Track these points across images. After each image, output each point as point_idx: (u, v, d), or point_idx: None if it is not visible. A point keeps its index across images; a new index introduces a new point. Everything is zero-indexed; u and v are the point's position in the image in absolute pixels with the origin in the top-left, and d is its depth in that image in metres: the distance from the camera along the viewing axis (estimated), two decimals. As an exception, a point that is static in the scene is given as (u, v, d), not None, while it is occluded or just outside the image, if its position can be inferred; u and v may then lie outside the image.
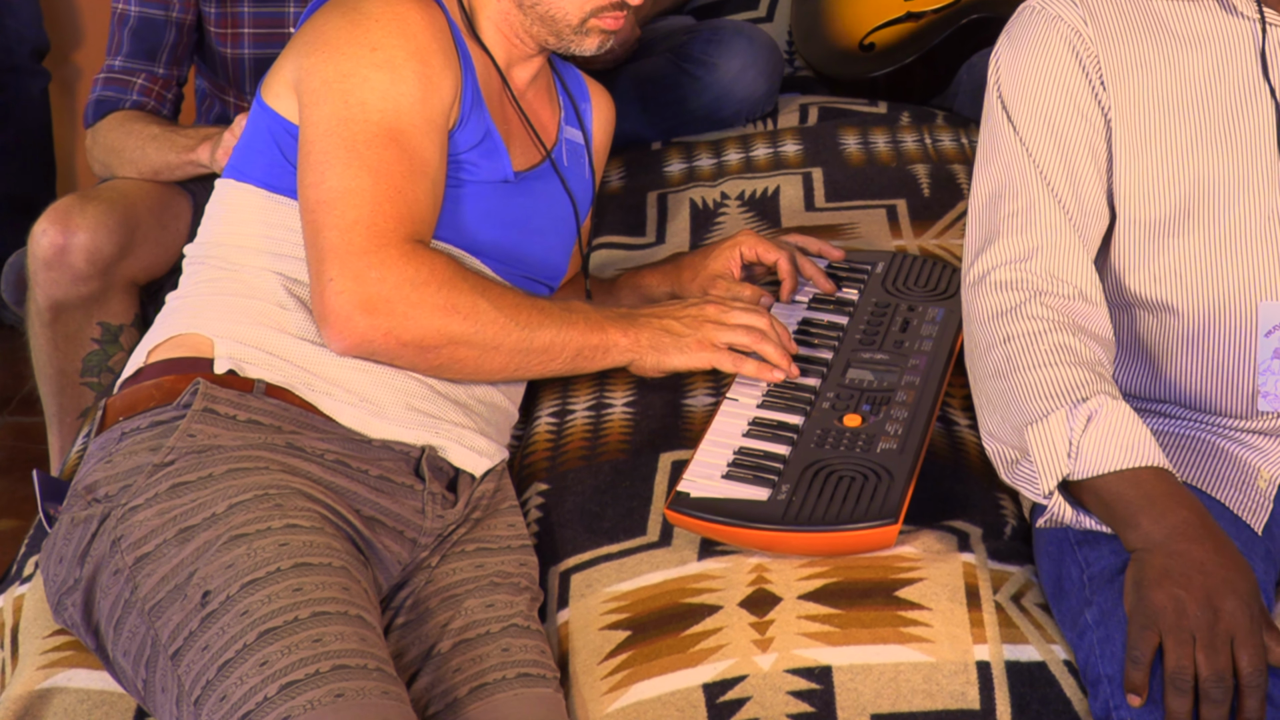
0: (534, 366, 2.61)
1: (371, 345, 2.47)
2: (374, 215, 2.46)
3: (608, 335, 2.65)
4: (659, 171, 3.62)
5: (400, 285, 2.45)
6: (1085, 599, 2.27)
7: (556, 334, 2.59)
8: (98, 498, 2.34)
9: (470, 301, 2.50)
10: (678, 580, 2.43)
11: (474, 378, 2.59)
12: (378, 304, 2.44)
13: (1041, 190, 2.44)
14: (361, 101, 2.52)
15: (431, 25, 2.60)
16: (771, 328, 2.70)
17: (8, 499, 4.23)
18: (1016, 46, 2.51)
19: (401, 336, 2.47)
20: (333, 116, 2.52)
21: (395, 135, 2.52)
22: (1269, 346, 2.43)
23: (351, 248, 2.45)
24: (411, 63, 2.55)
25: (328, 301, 2.44)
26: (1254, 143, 2.44)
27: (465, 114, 2.63)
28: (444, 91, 2.59)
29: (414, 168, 2.52)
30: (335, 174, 2.48)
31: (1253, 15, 2.45)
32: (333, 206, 2.47)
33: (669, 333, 2.69)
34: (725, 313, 2.71)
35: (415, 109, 2.54)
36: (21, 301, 3.56)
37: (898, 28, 4.00)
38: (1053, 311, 2.38)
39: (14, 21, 4.73)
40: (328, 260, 2.45)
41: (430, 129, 2.56)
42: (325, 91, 2.53)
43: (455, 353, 2.52)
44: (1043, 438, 2.28)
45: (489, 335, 2.53)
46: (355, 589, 2.24)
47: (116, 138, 3.52)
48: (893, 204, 3.35)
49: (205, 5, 3.55)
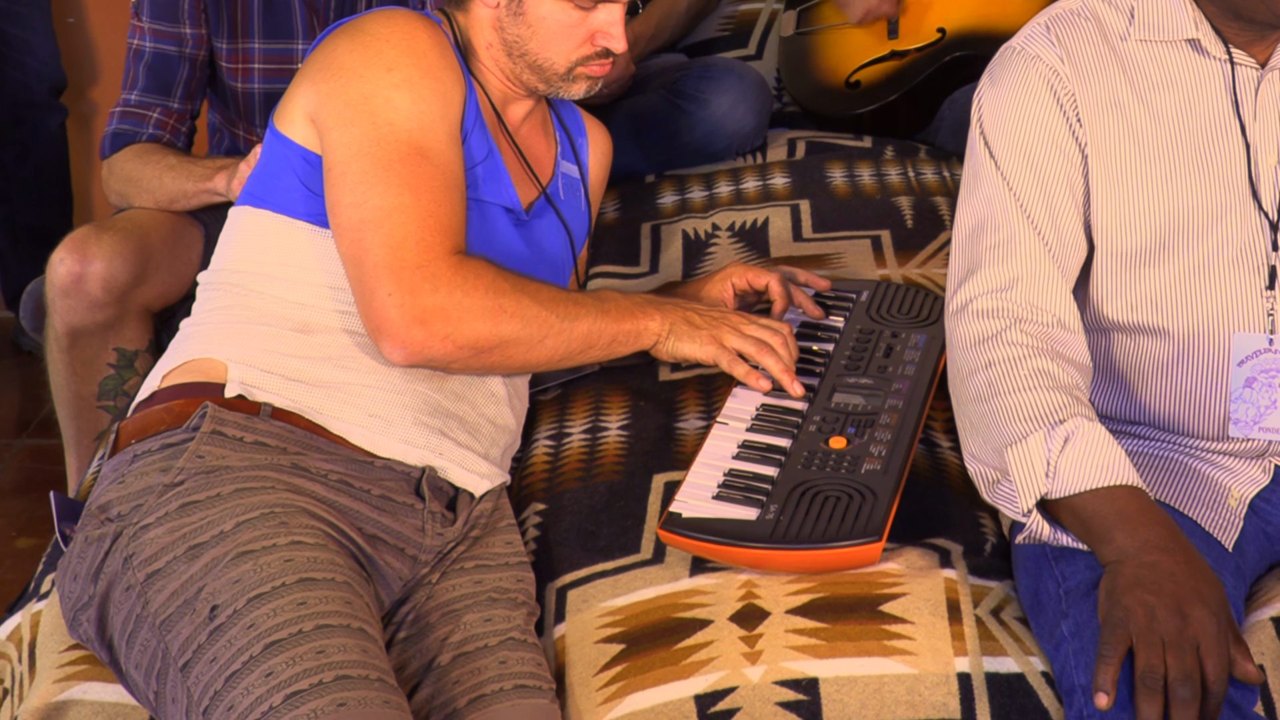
0: (575, 355, 2.64)
1: (430, 353, 2.49)
2: (421, 230, 2.48)
3: (638, 321, 2.69)
4: (653, 203, 3.62)
5: (453, 294, 2.47)
6: (1061, 612, 2.27)
7: (594, 323, 2.62)
8: (110, 517, 2.34)
9: (515, 301, 2.53)
10: (670, 596, 2.43)
11: (523, 370, 2.65)
12: (433, 314, 2.46)
13: (1022, 223, 2.45)
14: (389, 122, 2.53)
15: (438, 43, 2.61)
16: (784, 346, 2.72)
17: (26, 518, 4.23)
18: (998, 86, 2.52)
19: (459, 341, 2.49)
20: (363, 138, 2.52)
21: (424, 152, 2.53)
22: (1241, 375, 2.44)
23: (405, 263, 2.46)
24: (427, 80, 2.57)
25: (385, 315, 2.46)
26: (1226, 177, 2.44)
27: (469, 128, 2.64)
28: (455, 104, 2.61)
29: (446, 181, 2.54)
30: (377, 193, 2.49)
31: (1221, 56, 2.46)
32: (380, 225, 2.48)
33: (689, 322, 2.72)
34: (745, 324, 2.74)
35: (438, 124, 2.56)
36: (40, 328, 3.55)
37: (882, 66, 4.00)
38: (1032, 339, 2.38)
39: (33, 60, 4.73)
40: (382, 276, 2.46)
41: (451, 142, 2.58)
42: (350, 114, 2.54)
43: (506, 351, 2.55)
44: (1022, 458, 2.29)
45: (535, 331, 2.55)
46: (358, 603, 2.24)
47: (133, 168, 3.52)
48: (877, 234, 3.35)
49: (217, 41, 3.56)
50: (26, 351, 4.94)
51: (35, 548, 4.05)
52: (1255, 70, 2.45)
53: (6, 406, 4.83)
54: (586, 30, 2.68)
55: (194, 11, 3.52)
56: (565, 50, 2.69)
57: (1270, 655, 2.30)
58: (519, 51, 2.69)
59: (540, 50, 2.69)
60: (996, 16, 3.88)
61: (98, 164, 5.01)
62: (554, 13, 2.66)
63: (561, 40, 2.68)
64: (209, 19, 3.54)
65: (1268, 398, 2.44)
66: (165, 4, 3.52)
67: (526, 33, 2.68)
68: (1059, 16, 2.53)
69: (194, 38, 3.53)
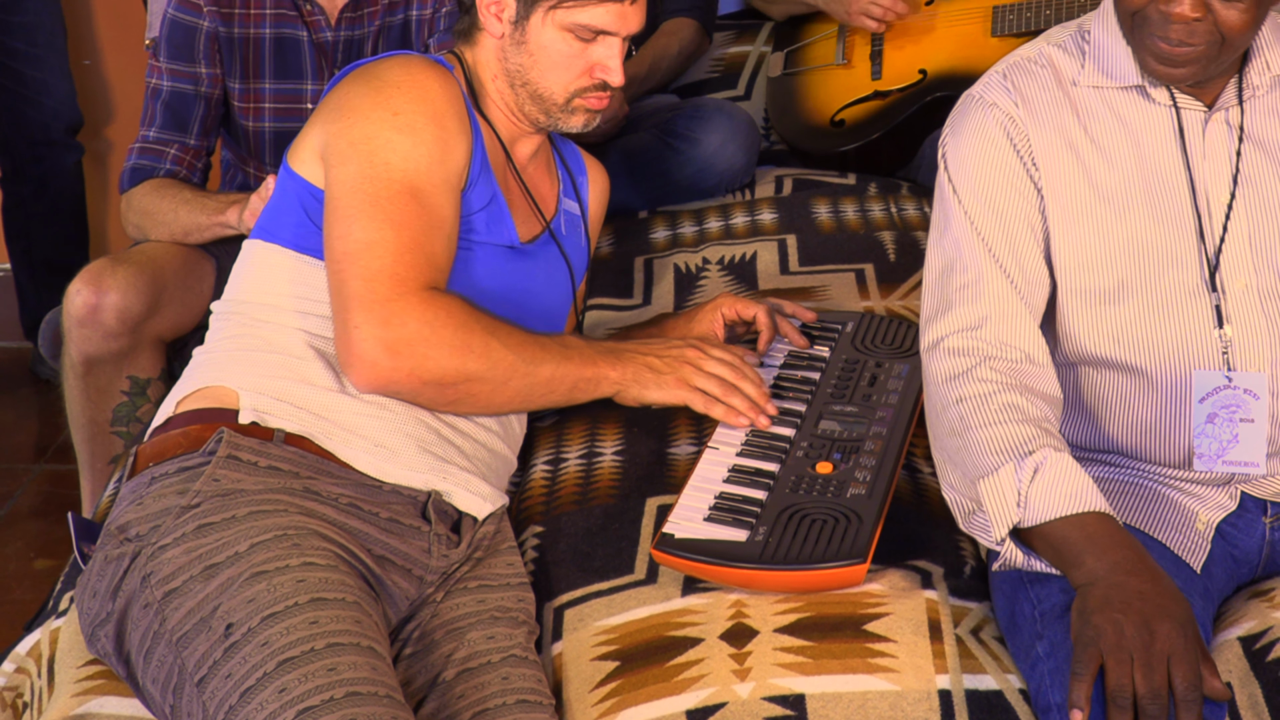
0: (537, 399, 2.63)
1: (394, 384, 2.49)
2: (395, 265, 2.48)
3: (599, 369, 2.67)
4: (646, 238, 3.62)
5: (420, 328, 2.46)
6: (1037, 633, 2.27)
7: (556, 368, 2.61)
8: (129, 537, 2.34)
9: (482, 341, 2.52)
10: (663, 615, 2.43)
11: (484, 411, 2.61)
12: (399, 346, 2.46)
13: (989, 264, 2.45)
14: (385, 162, 2.53)
15: (447, 92, 2.62)
16: (743, 378, 2.71)
17: (45, 540, 4.22)
18: (959, 133, 2.53)
19: (422, 376, 2.48)
20: (358, 175, 2.53)
21: (415, 192, 2.53)
22: (1203, 411, 2.44)
23: (375, 295, 2.46)
24: (430, 126, 2.57)
25: (353, 345, 2.46)
26: (1176, 218, 2.45)
27: (474, 177, 2.64)
28: (458, 154, 2.60)
29: (432, 222, 2.54)
30: (360, 227, 2.50)
31: (1166, 102, 2.47)
32: (358, 257, 2.48)
33: (650, 369, 2.71)
34: (703, 358, 2.72)
35: (434, 168, 2.56)
36: (57, 356, 3.55)
37: (866, 105, 4.01)
38: (1001, 375, 2.39)
39: (50, 100, 4.74)
40: (353, 307, 2.47)
41: (446, 187, 2.58)
42: (351, 153, 2.55)
43: (470, 389, 2.53)
44: (994, 489, 2.29)
45: (500, 372, 2.54)
46: (367, 622, 2.25)
47: (151, 202, 3.53)
48: (861, 268, 3.36)
49: (230, 81, 3.57)
50: (44, 379, 4.94)
51: (53, 568, 4.04)
52: (1202, 112, 2.46)
53: (25, 432, 4.82)
54: (585, 62, 2.69)
55: (209, 52, 3.53)
56: (564, 80, 2.70)
57: (1238, 673, 2.30)
58: (521, 80, 2.71)
59: (540, 79, 2.70)
60: (975, 59, 3.89)
61: (113, 199, 5.05)
62: (554, 42, 2.68)
63: (561, 69, 2.69)
64: (223, 59, 3.55)
65: (1229, 432, 2.44)
66: (182, 45, 3.53)
67: (528, 61, 2.69)
68: (1016, 64, 2.54)
69: (209, 77, 3.55)
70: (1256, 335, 2.43)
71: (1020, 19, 3.90)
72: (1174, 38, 2.32)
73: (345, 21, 3.56)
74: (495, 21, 2.71)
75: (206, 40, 3.52)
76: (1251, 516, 2.50)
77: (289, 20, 3.55)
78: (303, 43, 3.56)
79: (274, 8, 3.55)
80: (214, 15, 3.52)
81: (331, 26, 3.55)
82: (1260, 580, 2.52)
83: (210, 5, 3.51)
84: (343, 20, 3.56)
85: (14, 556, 4.17)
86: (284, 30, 3.56)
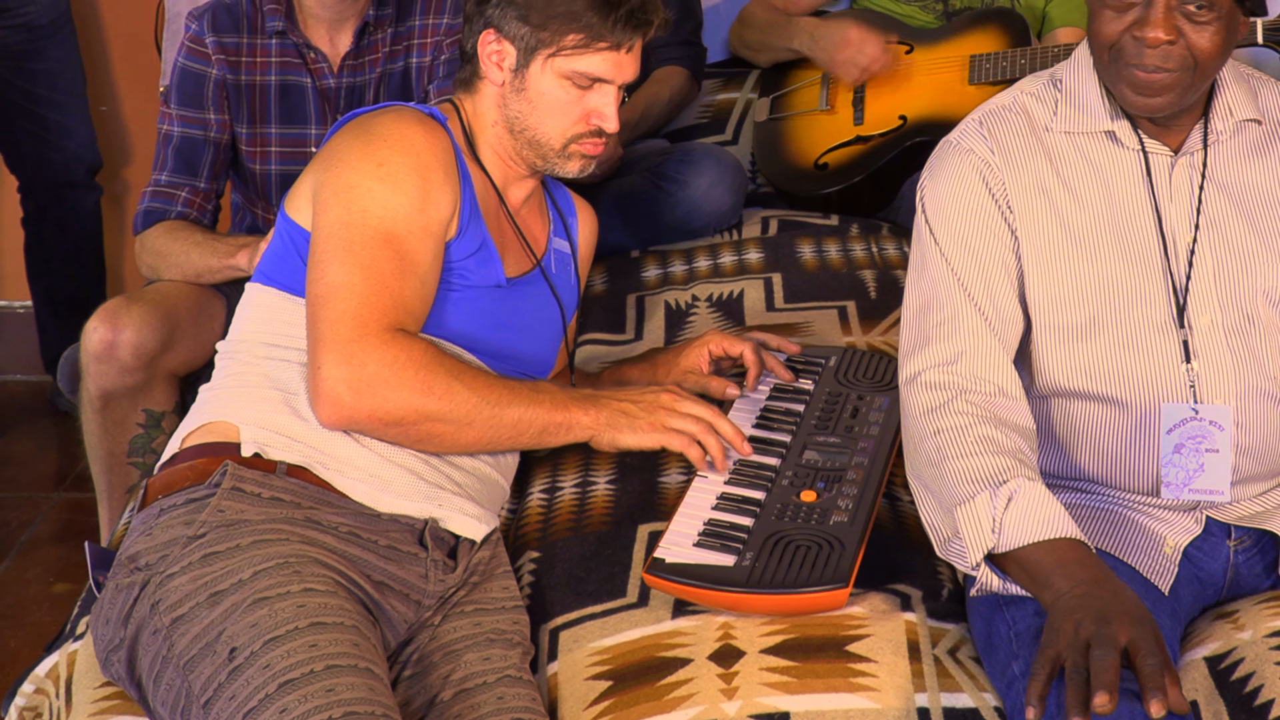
0: (504, 441, 2.61)
1: (356, 422, 2.49)
2: (360, 307, 2.48)
3: (571, 414, 2.64)
4: (637, 276, 3.62)
5: (380, 368, 2.46)
6: (1012, 653, 2.27)
7: (524, 411, 2.59)
8: (139, 566, 2.34)
9: (445, 383, 2.51)
10: (654, 636, 2.42)
11: (452, 450, 2.59)
12: (361, 385, 2.46)
13: (964, 302, 2.46)
14: (363, 209, 2.54)
15: (434, 146, 2.62)
16: (716, 420, 2.69)
17: (64, 565, 4.22)
18: (936, 177, 2.53)
19: (381, 415, 2.48)
20: (336, 221, 2.54)
21: (389, 238, 2.53)
22: (1170, 442, 2.44)
23: (338, 335, 2.46)
24: (413, 177, 2.57)
25: (318, 383, 2.46)
26: (1144, 258, 2.45)
27: (464, 225, 2.64)
28: (442, 204, 2.60)
29: (404, 267, 2.53)
30: (332, 270, 2.50)
31: (1135, 146, 2.47)
32: (327, 300, 2.49)
33: (625, 414, 2.68)
34: (678, 401, 2.70)
35: (412, 217, 2.56)
36: (75, 390, 3.55)
37: (848, 149, 4.02)
38: (976, 408, 2.39)
39: (72, 143, 4.74)
40: (319, 347, 2.47)
41: (425, 235, 2.57)
42: (333, 200, 2.55)
43: (431, 428, 2.52)
44: (970, 517, 2.29)
45: (462, 413, 2.53)
46: (365, 645, 2.24)
47: (164, 244, 3.53)
48: (843, 305, 3.36)
49: (238, 127, 3.57)
50: (63, 412, 4.94)
51: (71, 592, 4.04)
52: (1168, 157, 2.46)
53: (45, 462, 4.83)
54: (582, 109, 2.70)
55: (217, 99, 3.54)
56: (562, 126, 2.70)
57: (1203, 691, 2.30)
58: (519, 127, 2.71)
59: (538, 126, 2.70)
60: (953, 105, 3.90)
61: (129, 239, 5.05)
62: (552, 89, 2.68)
63: (559, 116, 2.69)
64: (230, 106, 3.55)
65: (1195, 462, 2.44)
66: (191, 92, 3.53)
67: (527, 108, 2.69)
68: (992, 112, 2.55)
69: (217, 123, 3.55)
70: (1222, 369, 2.43)
71: (996, 68, 3.91)
72: (1150, 64, 2.33)
73: (347, 69, 3.56)
74: (496, 70, 2.71)
75: (215, 87, 3.53)
76: (1216, 540, 2.50)
77: (293, 68, 3.55)
78: (306, 89, 3.56)
79: (279, 56, 3.55)
80: (222, 63, 3.52)
81: (334, 73, 3.56)
82: (1225, 602, 2.52)
83: (218, 53, 3.52)
84: (345, 67, 3.56)
85: (34, 580, 4.17)
86: (288, 77, 3.56)
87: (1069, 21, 4.10)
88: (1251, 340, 2.45)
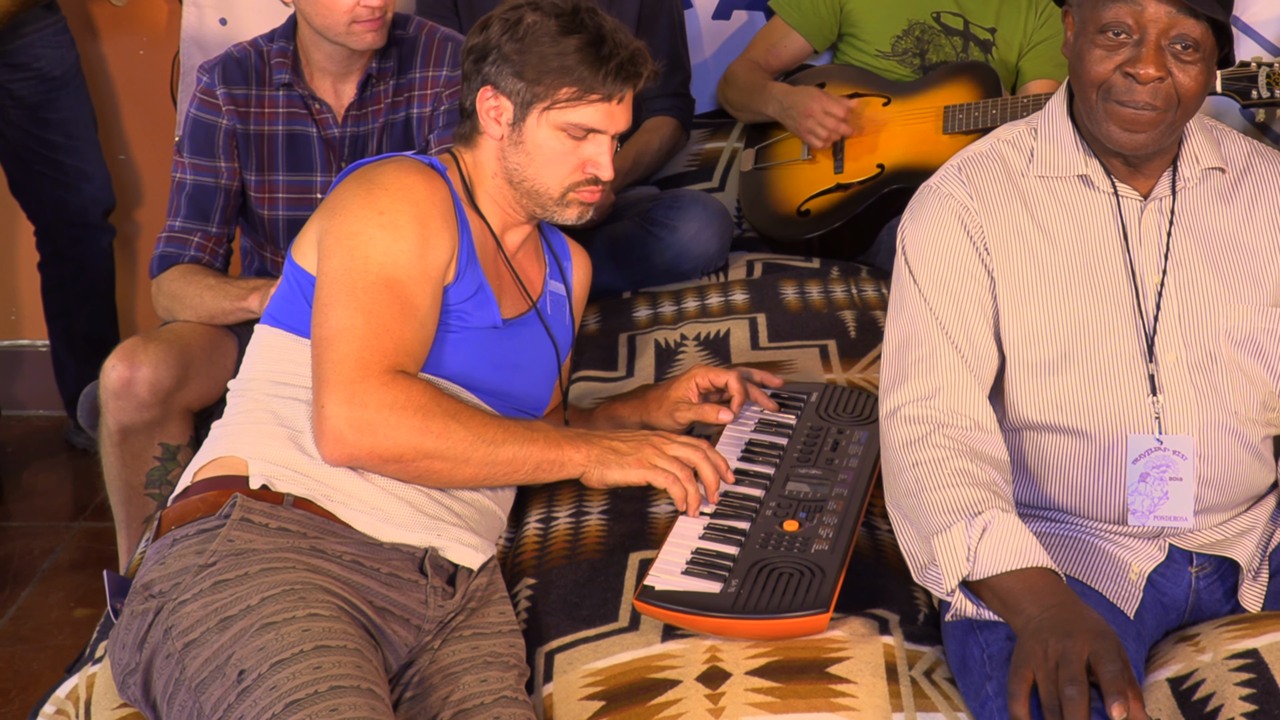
0: (500, 477, 2.61)
1: (357, 459, 2.50)
2: (362, 350, 2.49)
3: (563, 451, 2.65)
4: (629, 316, 3.63)
5: (380, 409, 2.47)
6: (986, 674, 2.27)
7: (519, 449, 2.59)
8: (153, 594, 2.34)
9: (442, 423, 2.51)
10: (645, 659, 2.42)
11: (450, 485, 2.59)
12: (362, 425, 2.46)
13: (942, 339, 2.46)
14: (365, 255, 2.54)
15: (433, 195, 2.62)
16: (701, 464, 2.68)
17: (84, 591, 4.22)
18: (917, 220, 2.54)
19: (382, 453, 2.49)
20: (340, 267, 2.54)
21: (390, 283, 2.54)
22: (1136, 471, 2.45)
23: (341, 377, 2.47)
24: (413, 224, 2.58)
25: (322, 422, 2.47)
26: (1114, 296, 2.46)
27: (461, 270, 2.65)
28: (440, 250, 2.60)
29: (405, 310, 2.54)
30: (335, 315, 2.51)
31: (1107, 190, 2.48)
32: (330, 342, 2.50)
33: (614, 451, 2.68)
34: (666, 444, 2.71)
35: (412, 263, 2.56)
36: (95, 425, 3.55)
37: (829, 196, 4.02)
38: (953, 441, 2.40)
39: (90, 187, 4.75)
40: (323, 387, 2.48)
41: (424, 280, 2.58)
42: (336, 247, 2.56)
43: (430, 465, 2.53)
44: (946, 545, 2.30)
45: (459, 451, 2.53)
46: (367, 667, 2.24)
47: (179, 287, 3.53)
48: (825, 344, 3.36)
49: (247, 174, 3.58)
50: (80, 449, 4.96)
51: (91, 617, 4.04)
52: (1138, 201, 2.48)
53: (66, 494, 4.83)
54: (578, 159, 2.70)
55: (228, 148, 3.54)
56: (559, 176, 2.71)
57: (1166, 711, 2.30)
58: (519, 178, 2.71)
59: (536, 176, 2.71)
60: (929, 154, 3.90)
61: (141, 278, 5.05)
62: (549, 140, 2.68)
63: (555, 166, 2.70)
64: (240, 154, 3.56)
65: (1159, 490, 2.45)
66: (203, 142, 3.54)
67: (525, 160, 2.70)
68: (970, 159, 2.56)
69: (228, 170, 3.56)
70: (1185, 402, 2.44)
71: (969, 118, 3.92)
72: (1140, 100, 2.35)
73: (351, 119, 3.57)
74: (494, 124, 2.72)
75: (225, 137, 3.54)
76: (1179, 567, 2.50)
77: (299, 118, 3.56)
78: (312, 138, 3.57)
79: (286, 106, 3.56)
80: (232, 114, 3.53)
81: (338, 123, 3.56)
82: (1186, 626, 2.52)
83: (228, 104, 3.53)
84: (349, 117, 3.57)
85: (56, 605, 4.17)
86: (295, 127, 3.57)
87: (1041, 74, 4.11)
88: (1214, 376, 2.46)
